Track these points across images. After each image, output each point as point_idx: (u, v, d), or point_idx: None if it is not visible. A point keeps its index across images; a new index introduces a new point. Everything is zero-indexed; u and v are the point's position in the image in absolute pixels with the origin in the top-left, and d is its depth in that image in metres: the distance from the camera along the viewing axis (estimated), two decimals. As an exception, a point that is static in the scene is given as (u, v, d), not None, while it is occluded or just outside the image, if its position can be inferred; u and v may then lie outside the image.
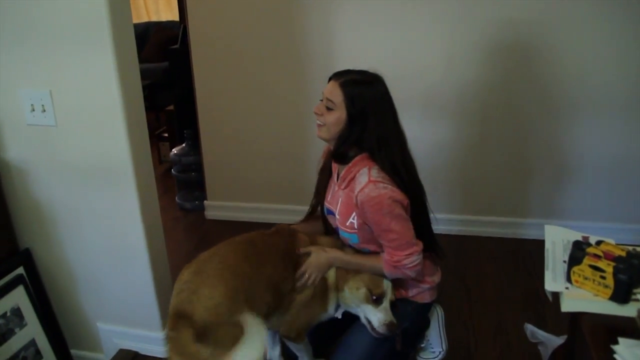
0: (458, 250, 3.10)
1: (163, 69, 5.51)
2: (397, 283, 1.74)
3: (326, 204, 1.82)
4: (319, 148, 1.88)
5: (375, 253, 1.69)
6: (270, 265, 1.62)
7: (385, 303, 1.64)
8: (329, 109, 1.60)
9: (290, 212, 3.38)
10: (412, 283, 1.76)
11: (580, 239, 1.44)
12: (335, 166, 1.76)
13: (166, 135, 4.81)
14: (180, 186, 3.94)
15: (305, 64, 3.15)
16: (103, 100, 1.84)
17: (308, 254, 1.70)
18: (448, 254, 2.93)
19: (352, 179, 1.64)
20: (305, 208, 1.92)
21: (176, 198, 3.91)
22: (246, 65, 3.23)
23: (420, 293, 1.79)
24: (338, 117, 1.59)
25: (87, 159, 1.95)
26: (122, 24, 1.81)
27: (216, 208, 3.65)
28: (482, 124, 3.06)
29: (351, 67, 1.67)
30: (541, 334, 2.23)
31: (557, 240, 1.48)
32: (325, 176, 1.84)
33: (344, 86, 1.58)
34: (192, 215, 3.76)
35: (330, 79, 1.64)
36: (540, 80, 2.91)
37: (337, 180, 1.74)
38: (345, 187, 1.67)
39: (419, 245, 1.61)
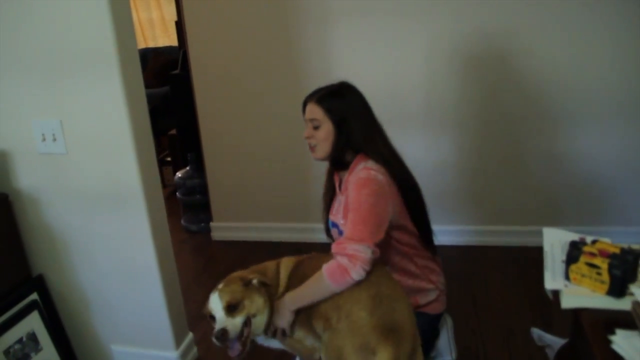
0: (463, 260, 3.14)
1: (162, 94, 5.55)
2: (408, 290, 1.77)
3: (331, 218, 1.91)
4: (322, 165, 1.94)
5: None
6: None
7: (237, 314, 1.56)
8: (315, 128, 1.76)
9: (296, 230, 3.43)
10: (419, 285, 1.81)
11: (577, 239, 1.50)
12: (337, 178, 1.89)
13: (169, 159, 4.88)
14: (185, 209, 4.00)
15: (304, 85, 3.18)
16: (112, 127, 1.90)
17: None
18: (454, 263, 2.99)
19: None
20: (311, 225, 2.00)
21: (182, 221, 3.96)
22: (246, 87, 3.30)
23: (431, 303, 1.83)
24: (326, 130, 1.75)
25: (98, 185, 2.00)
26: (128, 52, 1.88)
27: (222, 229, 3.69)
28: (480, 135, 3.11)
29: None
30: (548, 337, 2.25)
31: (555, 241, 1.54)
32: (329, 195, 1.97)
33: (319, 102, 1.75)
34: (198, 237, 3.80)
35: (305, 104, 1.81)
36: (533, 90, 2.97)
37: (340, 189, 1.85)
38: (346, 189, 1.76)
39: (372, 242, 1.54)
